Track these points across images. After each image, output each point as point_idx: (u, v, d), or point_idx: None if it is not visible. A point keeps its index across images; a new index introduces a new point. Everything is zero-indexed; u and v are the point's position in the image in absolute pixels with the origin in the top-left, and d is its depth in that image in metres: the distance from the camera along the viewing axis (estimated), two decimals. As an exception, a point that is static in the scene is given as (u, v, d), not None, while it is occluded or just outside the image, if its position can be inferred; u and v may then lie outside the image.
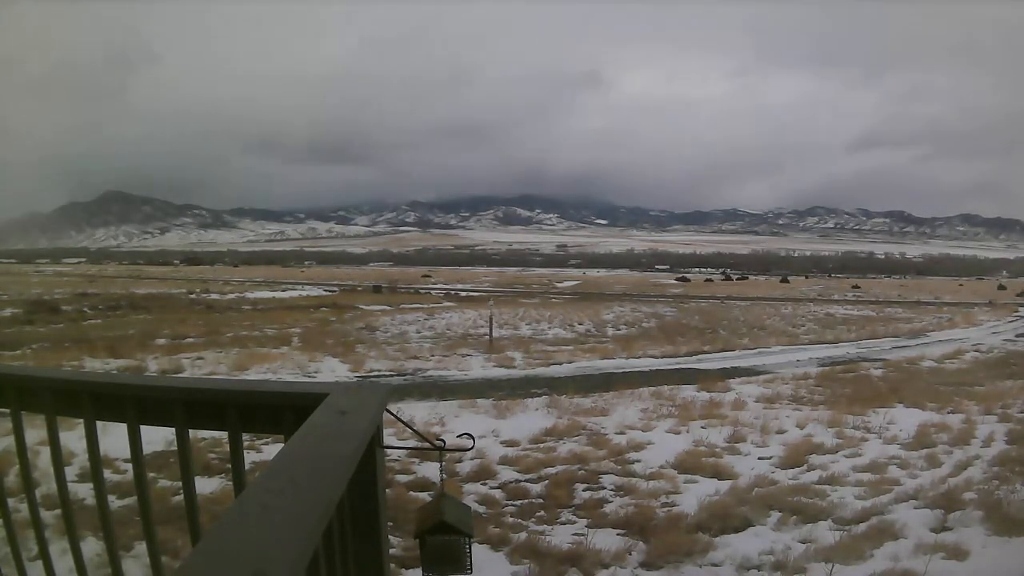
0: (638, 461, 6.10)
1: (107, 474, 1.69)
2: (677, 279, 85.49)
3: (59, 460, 1.54)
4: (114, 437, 1.49)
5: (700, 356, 14.57)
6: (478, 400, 8.87)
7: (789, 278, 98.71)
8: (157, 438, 2.74)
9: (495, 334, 17.22)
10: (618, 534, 4.18)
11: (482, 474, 5.61)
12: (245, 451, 1.34)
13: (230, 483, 1.63)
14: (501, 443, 6.65)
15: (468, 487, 5.27)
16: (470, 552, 1.40)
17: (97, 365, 11.56)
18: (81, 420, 1.44)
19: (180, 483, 1.44)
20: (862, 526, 4.22)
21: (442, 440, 1.46)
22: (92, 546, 2.46)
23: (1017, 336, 20.28)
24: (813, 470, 5.83)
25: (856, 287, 64.32)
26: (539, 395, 9.35)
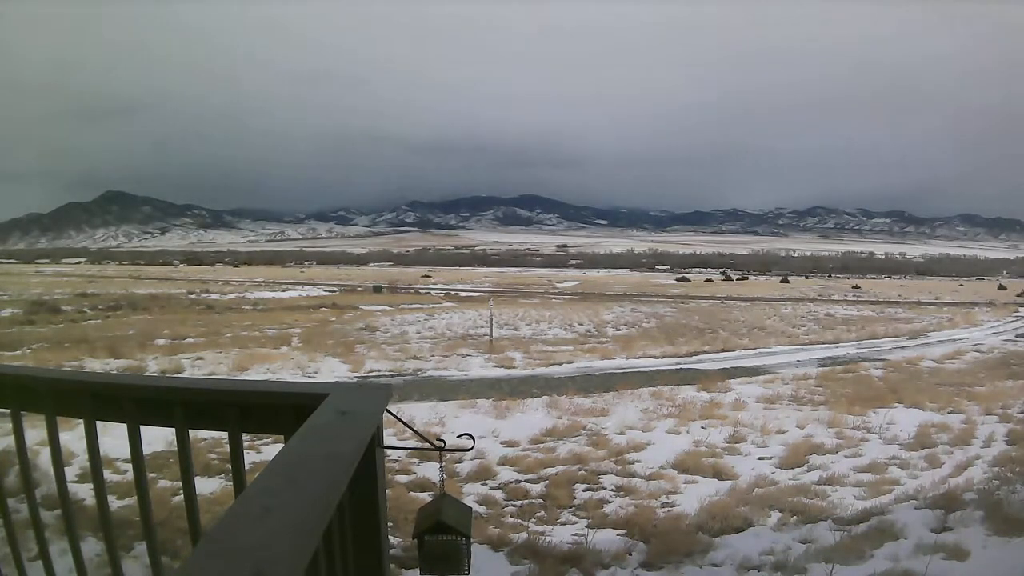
0: (638, 461, 6.10)
1: (107, 474, 1.69)
2: (677, 279, 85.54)
3: (59, 460, 1.54)
4: (114, 437, 1.49)
5: (700, 356, 14.57)
6: (478, 400, 8.87)
7: (789, 278, 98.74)
8: (157, 438, 2.74)
9: (495, 334, 17.22)
10: (618, 534, 4.18)
11: (482, 474, 5.61)
12: (245, 451, 1.34)
13: (230, 483, 1.63)
14: (501, 443, 6.65)
15: (468, 487, 5.27)
16: (469, 553, 1.40)
17: (97, 365, 11.55)
18: (81, 420, 1.44)
19: (180, 483, 1.44)
20: (862, 526, 4.22)
21: (442, 440, 1.46)
22: (92, 546, 2.47)
23: (1017, 336, 20.27)
24: (813, 470, 5.84)
25: (856, 287, 64.37)
26: (539, 395, 9.35)
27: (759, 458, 6.29)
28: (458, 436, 1.63)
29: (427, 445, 1.43)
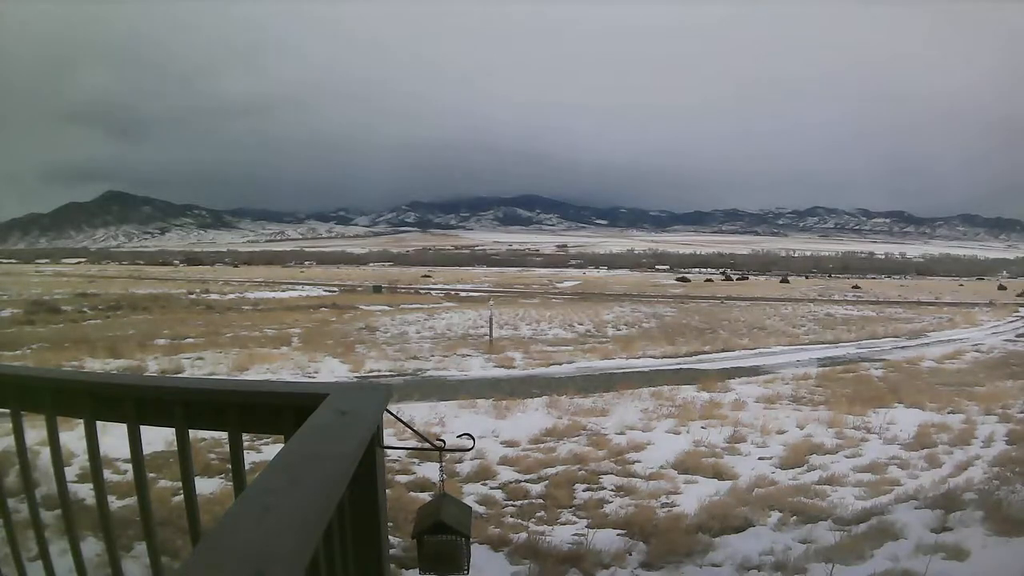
0: (638, 461, 6.10)
1: (107, 474, 1.69)
2: (677, 279, 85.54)
3: (59, 460, 1.54)
4: (114, 437, 1.49)
5: (700, 356, 14.57)
6: (478, 400, 8.86)
7: (789, 278, 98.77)
8: (157, 438, 2.74)
9: (495, 334, 17.23)
10: (618, 534, 4.18)
11: (482, 474, 5.60)
12: (245, 451, 1.34)
13: (230, 483, 1.63)
14: (501, 443, 6.65)
15: (468, 487, 5.27)
16: (468, 552, 1.40)
17: (97, 365, 11.55)
18: (81, 420, 1.44)
19: (180, 483, 1.44)
20: (862, 526, 4.22)
21: (442, 440, 1.46)
22: (92, 546, 2.46)
23: (1017, 336, 20.28)
24: (813, 470, 5.84)
25: (856, 287, 64.41)
26: (539, 395, 9.35)
27: (759, 458, 6.28)
28: (458, 436, 1.64)
29: (427, 445, 1.43)
